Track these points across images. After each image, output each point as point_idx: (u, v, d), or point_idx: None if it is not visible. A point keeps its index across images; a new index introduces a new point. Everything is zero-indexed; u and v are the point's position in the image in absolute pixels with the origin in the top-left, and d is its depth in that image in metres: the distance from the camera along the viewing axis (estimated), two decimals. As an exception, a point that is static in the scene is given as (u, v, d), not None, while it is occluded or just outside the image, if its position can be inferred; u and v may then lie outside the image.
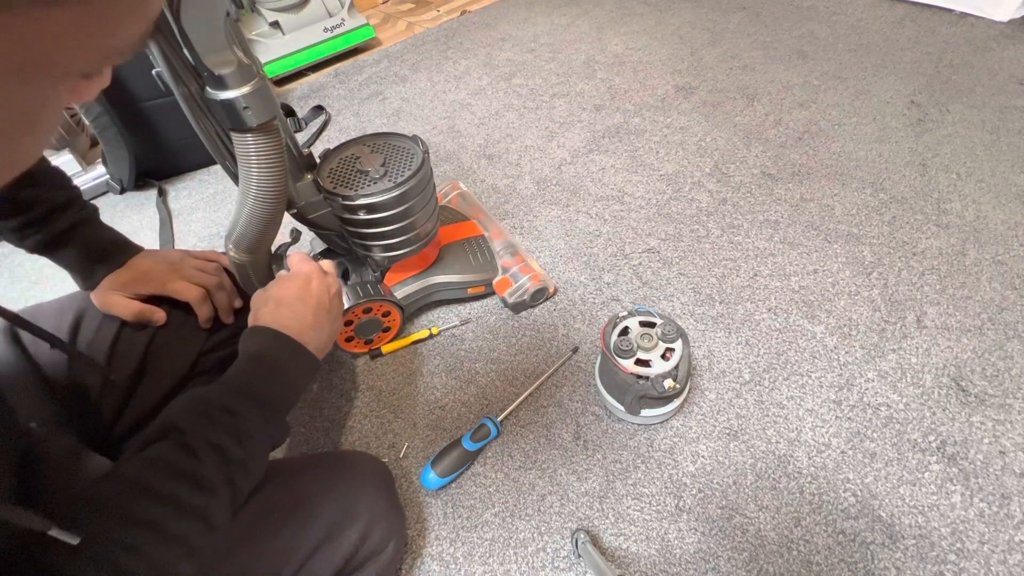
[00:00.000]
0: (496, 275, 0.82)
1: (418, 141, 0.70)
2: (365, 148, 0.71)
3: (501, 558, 0.60)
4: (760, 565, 0.56)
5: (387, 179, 0.67)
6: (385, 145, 0.72)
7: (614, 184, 1.03)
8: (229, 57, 0.43)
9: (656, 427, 0.68)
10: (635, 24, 1.55)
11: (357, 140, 0.72)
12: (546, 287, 0.82)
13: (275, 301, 0.49)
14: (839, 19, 1.39)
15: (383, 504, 0.52)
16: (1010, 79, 1.09)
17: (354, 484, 0.51)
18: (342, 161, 0.70)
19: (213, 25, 0.41)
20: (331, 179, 0.67)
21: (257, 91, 0.46)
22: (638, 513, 0.61)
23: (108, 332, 0.55)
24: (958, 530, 0.56)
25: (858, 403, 0.66)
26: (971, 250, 0.80)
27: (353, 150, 0.71)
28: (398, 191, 0.65)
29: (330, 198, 0.66)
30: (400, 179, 0.66)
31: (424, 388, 0.76)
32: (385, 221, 0.67)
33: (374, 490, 0.52)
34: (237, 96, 0.45)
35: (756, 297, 0.79)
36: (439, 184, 0.97)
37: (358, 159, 0.69)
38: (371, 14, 2.05)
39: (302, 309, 0.49)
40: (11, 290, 1.08)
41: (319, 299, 0.51)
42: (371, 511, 0.50)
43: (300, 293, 0.50)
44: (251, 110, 0.46)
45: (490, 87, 1.39)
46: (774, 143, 1.05)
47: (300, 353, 0.47)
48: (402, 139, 0.72)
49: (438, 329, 0.82)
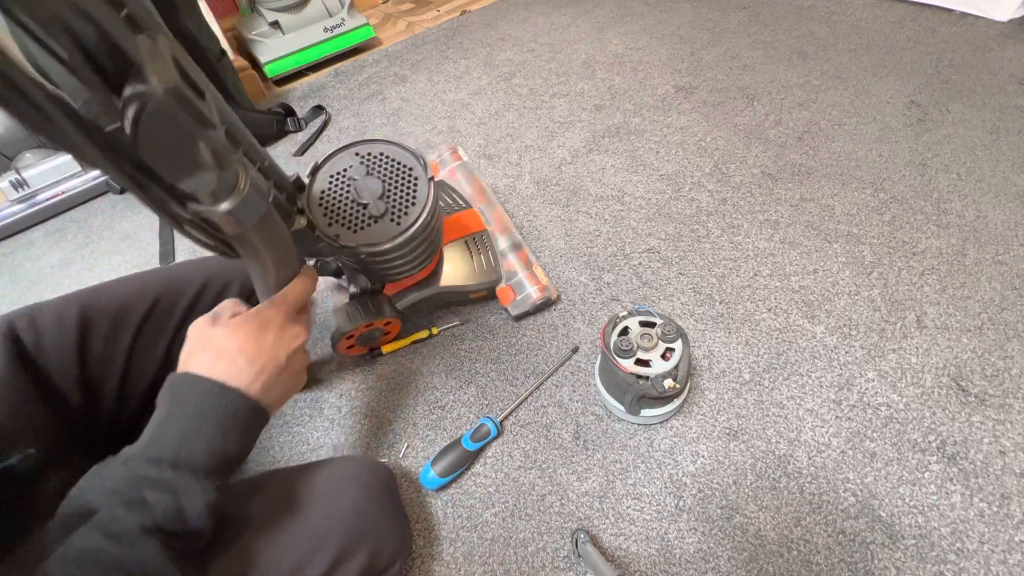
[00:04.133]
0: (500, 280, 0.80)
1: (419, 159, 0.62)
2: (359, 163, 0.61)
3: (501, 558, 0.60)
4: (760, 565, 0.56)
5: (390, 218, 0.59)
6: (381, 162, 0.62)
7: (614, 184, 1.03)
8: (208, 179, 0.33)
9: (656, 427, 0.68)
10: (635, 24, 1.55)
11: (349, 148, 0.62)
12: (550, 297, 0.80)
13: (215, 350, 0.40)
14: (839, 19, 1.39)
15: (391, 520, 0.50)
16: (1010, 79, 1.09)
17: (360, 503, 0.48)
18: (335, 182, 0.60)
19: (185, 152, 0.31)
20: (324, 208, 0.58)
21: (242, 201, 0.35)
22: (638, 513, 0.61)
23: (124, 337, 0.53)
24: (958, 530, 0.56)
25: (858, 403, 0.66)
26: (971, 250, 0.80)
27: (345, 163, 0.61)
28: (403, 237, 0.58)
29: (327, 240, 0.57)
30: (407, 223, 0.58)
31: (424, 388, 0.76)
32: (388, 259, 0.61)
33: (380, 507, 0.50)
34: (219, 210, 0.35)
35: (756, 297, 0.79)
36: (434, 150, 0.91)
37: (353, 182, 0.59)
38: (371, 14, 2.05)
39: (245, 366, 0.40)
40: (11, 290, 1.09)
41: (273, 356, 0.42)
42: (379, 530, 0.48)
43: (248, 346, 0.41)
44: (235, 217, 0.36)
45: (490, 87, 1.39)
46: (774, 143, 1.05)
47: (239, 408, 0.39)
48: (399, 151, 0.63)
49: (438, 329, 0.82)
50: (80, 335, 0.52)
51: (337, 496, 0.48)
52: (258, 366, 0.41)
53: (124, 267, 1.08)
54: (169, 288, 0.59)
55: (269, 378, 0.41)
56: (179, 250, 1.08)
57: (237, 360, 0.40)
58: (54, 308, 0.53)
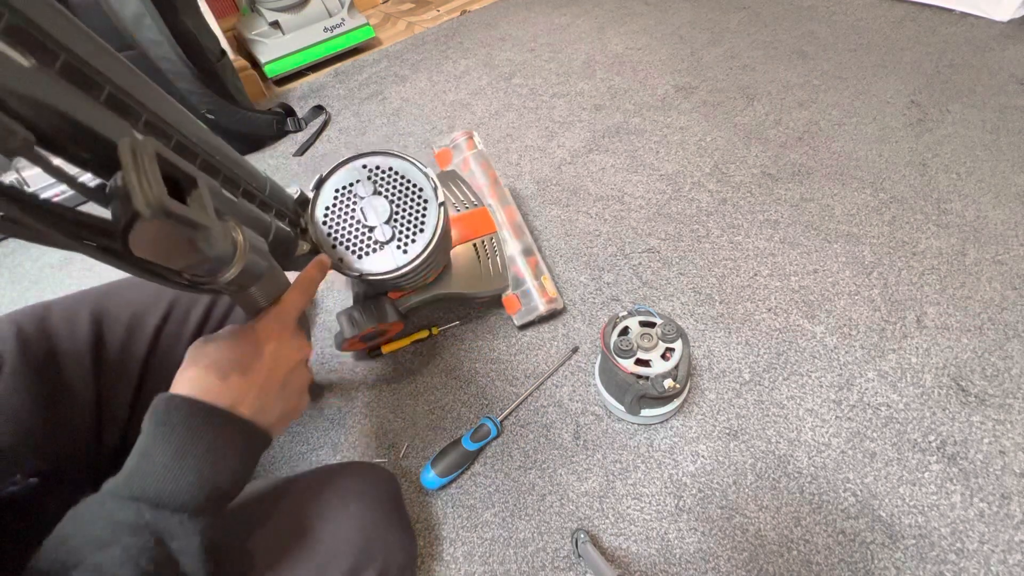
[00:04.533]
0: (507, 288, 0.78)
1: (430, 178, 0.58)
2: (367, 179, 0.58)
3: (501, 558, 0.60)
4: (760, 565, 0.56)
5: (397, 245, 0.56)
6: (390, 179, 0.58)
7: (614, 184, 1.03)
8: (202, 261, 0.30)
9: (656, 427, 0.68)
10: (635, 24, 1.55)
11: (357, 159, 0.58)
12: (556, 309, 0.79)
13: (206, 364, 0.36)
14: (839, 19, 1.39)
15: (398, 535, 0.49)
16: (1010, 79, 1.09)
17: (368, 523, 0.46)
18: (340, 198, 0.57)
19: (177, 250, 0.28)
20: (328, 227, 0.56)
21: (242, 271, 0.33)
22: (638, 513, 0.61)
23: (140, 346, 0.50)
24: (958, 530, 0.56)
25: (858, 403, 0.66)
26: (971, 250, 0.80)
27: (351, 177, 0.58)
28: (409, 267, 0.56)
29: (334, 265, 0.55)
30: (413, 252, 0.56)
31: (424, 388, 0.76)
32: (393, 282, 0.59)
33: (387, 523, 0.48)
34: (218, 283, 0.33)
35: (756, 297, 0.79)
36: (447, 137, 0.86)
37: (360, 201, 0.56)
38: (371, 14, 2.05)
39: (239, 382, 0.36)
40: (11, 290, 1.09)
41: (271, 372, 0.38)
42: (386, 547, 0.46)
43: (244, 359, 0.37)
44: (235, 285, 0.34)
45: (490, 87, 1.39)
46: (774, 143, 1.05)
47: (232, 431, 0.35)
48: (410, 168, 0.59)
49: (438, 329, 0.82)
50: (94, 342, 0.48)
51: (344, 518, 0.46)
52: (254, 380, 0.36)
53: (124, 267, 1.08)
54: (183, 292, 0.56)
55: (266, 395, 0.37)
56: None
57: (230, 375, 0.36)
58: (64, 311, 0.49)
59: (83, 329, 0.48)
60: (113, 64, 0.28)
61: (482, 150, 0.84)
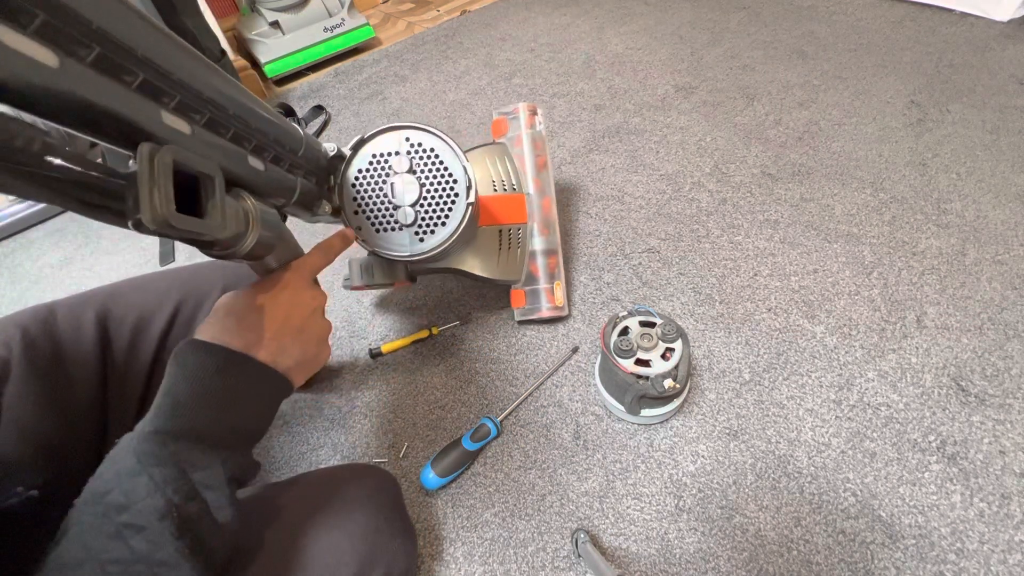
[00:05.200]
0: (519, 282, 0.77)
1: (466, 170, 0.56)
2: (405, 154, 0.57)
3: (501, 558, 0.60)
4: (760, 565, 0.56)
5: (415, 231, 0.55)
6: (428, 161, 0.57)
7: (614, 184, 1.03)
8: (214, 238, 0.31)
9: (656, 427, 0.68)
10: (635, 24, 1.55)
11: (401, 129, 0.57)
12: (559, 316, 0.79)
13: (226, 311, 0.37)
14: (839, 19, 1.39)
15: (401, 540, 0.48)
16: (1010, 79, 1.09)
17: (370, 529, 0.46)
18: (374, 166, 0.56)
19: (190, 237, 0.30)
20: (356, 191, 0.55)
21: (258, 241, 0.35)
22: (638, 513, 0.61)
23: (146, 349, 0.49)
24: (958, 530, 0.56)
25: (858, 403, 0.66)
26: (971, 250, 0.80)
27: (391, 146, 0.56)
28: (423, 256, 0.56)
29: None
30: (429, 244, 0.55)
31: (424, 388, 0.76)
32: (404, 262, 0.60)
33: (390, 528, 0.47)
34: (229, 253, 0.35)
35: (756, 297, 0.79)
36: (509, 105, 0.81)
37: (392, 176, 0.56)
38: (371, 14, 2.05)
39: (255, 326, 0.37)
40: (11, 290, 1.09)
41: (287, 317, 0.39)
42: (389, 553, 0.46)
43: (260, 305, 0.38)
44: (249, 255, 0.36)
45: (490, 87, 1.39)
46: (774, 143, 1.05)
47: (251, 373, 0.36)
48: (451, 155, 0.57)
49: (438, 329, 0.82)
50: (101, 346, 0.48)
51: (346, 526, 0.45)
52: (269, 325, 0.37)
53: (124, 267, 1.08)
54: (188, 293, 0.55)
55: (283, 338, 0.38)
56: (179, 250, 1.08)
57: (246, 319, 0.37)
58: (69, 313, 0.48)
59: (89, 332, 0.47)
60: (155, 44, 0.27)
61: (540, 131, 0.79)
